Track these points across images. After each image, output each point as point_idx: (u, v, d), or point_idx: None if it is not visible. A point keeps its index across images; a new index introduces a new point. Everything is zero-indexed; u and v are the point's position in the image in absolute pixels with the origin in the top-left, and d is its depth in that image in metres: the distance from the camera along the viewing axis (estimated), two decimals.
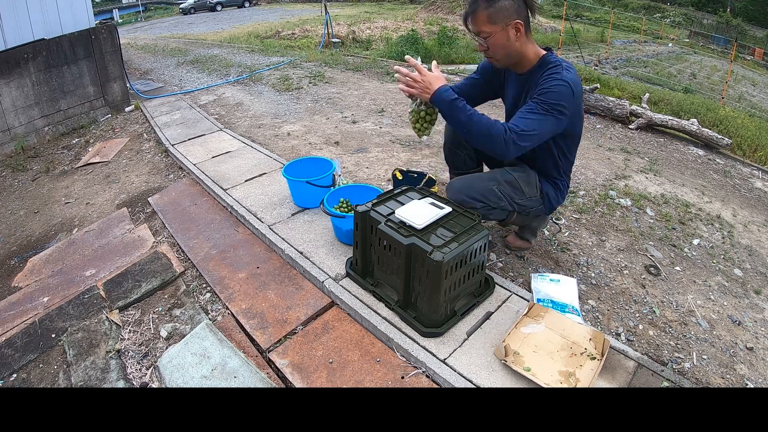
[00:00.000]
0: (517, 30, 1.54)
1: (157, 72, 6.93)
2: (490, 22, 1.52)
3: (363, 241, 1.73)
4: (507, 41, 1.55)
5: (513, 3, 1.51)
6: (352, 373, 1.52)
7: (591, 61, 11.67)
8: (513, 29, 1.54)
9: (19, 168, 3.94)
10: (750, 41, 21.40)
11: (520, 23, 1.53)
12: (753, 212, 2.86)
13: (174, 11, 23.49)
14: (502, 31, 1.53)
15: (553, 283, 1.86)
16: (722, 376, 1.56)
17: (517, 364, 1.43)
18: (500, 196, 1.72)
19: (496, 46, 1.57)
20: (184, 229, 2.49)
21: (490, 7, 1.51)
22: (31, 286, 2.30)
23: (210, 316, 1.88)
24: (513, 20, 1.52)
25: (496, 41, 1.55)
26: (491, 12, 1.51)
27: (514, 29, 1.54)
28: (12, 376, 1.72)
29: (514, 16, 1.52)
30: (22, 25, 4.35)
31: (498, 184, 1.73)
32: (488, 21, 1.52)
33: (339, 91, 5.02)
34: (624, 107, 4.24)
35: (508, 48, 1.58)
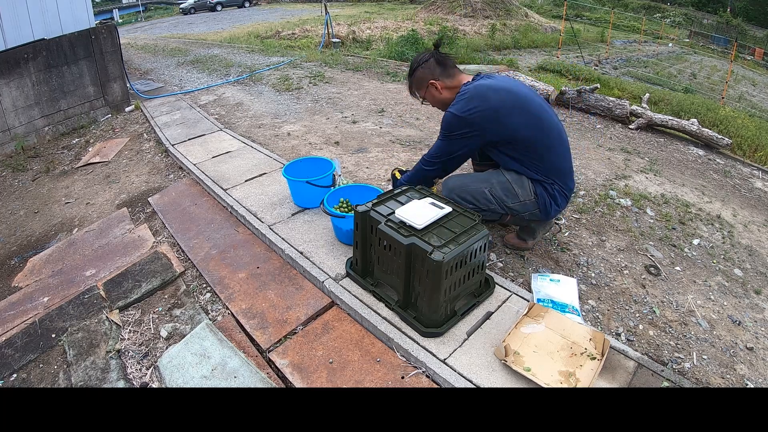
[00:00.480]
0: (435, 88, 1.89)
1: (157, 72, 6.93)
2: (417, 89, 1.96)
3: (363, 241, 1.73)
4: (434, 97, 1.93)
5: (423, 70, 1.90)
6: (352, 373, 1.52)
7: (591, 61, 11.67)
8: (432, 87, 1.90)
9: (19, 168, 3.95)
10: (750, 41, 21.40)
11: (434, 82, 1.88)
12: (753, 212, 2.86)
13: (174, 11, 23.50)
14: (428, 92, 1.93)
15: (553, 283, 1.86)
16: (722, 376, 1.56)
17: (517, 364, 1.43)
18: (490, 199, 1.86)
19: (432, 102, 1.96)
20: (184, 229, 2.49)
21: (410, 79, 1.97)
22: (31, 286, 2.30)
23: (210, 316, 1.88)
24: (428, 82, 1.89)
25: (430, 99, 1.96)
26: (411, 83, 1.97)
27: (433, 87, 1.90)
28: (12, 376, 1.72)
29: (429, 77, 1.89)
30: (22, 25, 4.35)
31: (490, 186, 1.86)
32: (415, 88, 1.96)
33: (339, 91, 5.02)
34: (624, 107, 4.24)
35: (438, 100, 1.94)
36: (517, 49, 12.48)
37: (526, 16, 16.60)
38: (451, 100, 1.86)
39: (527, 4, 20.18)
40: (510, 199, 1.83)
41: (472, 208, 1.81)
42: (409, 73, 1.97)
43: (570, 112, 4.51)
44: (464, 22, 14.46)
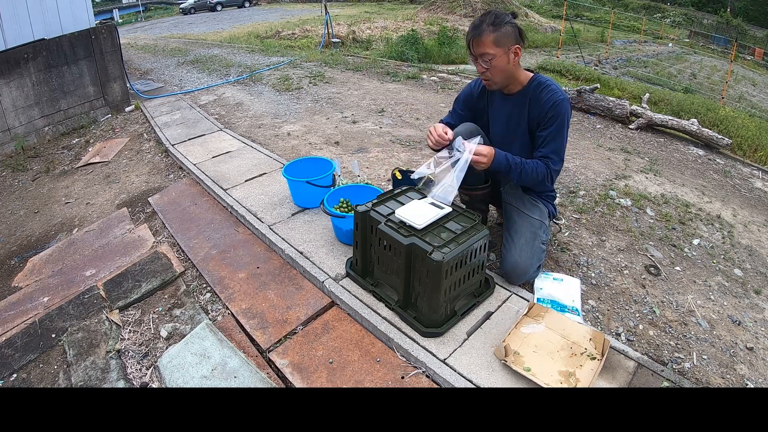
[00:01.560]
0: (515, 54, 1.67)
1: (157, 72, 6.93)
2: (496, 45, 1.63)
3: (363, 241, 1.73)
4: (507, 64, 1.67)
5: (513, 29, 1.64)
6: (352, 373, 1.52)
7: (591, 61, 11.67)
8: (513, 53, 1.66)
9: (19, 168, 3.95)
10: (750, 41, 21.39)
11: (519, 48, 1.66)
12: (753, 212, 2.86)
13: (174, 11, 23.48)
14: (504, 55, 1.65)
15: (556, 282, 1.86)
16: (722, 376, 1.56)
17: (517, 364, 1.43)
18: (543, 249, 1.85)
19: (497, 68, 1.68)
20: (184, 229, 2.49)
21: (496, 31, 1.61)
22: (31, 286, 2.30)
23: (210, 316, 1.88)
24: (513, 45, 1.65)
25: (498, 63, 1.66)
26: (497, 36, 1.62)
27: (513, 53, 1.66)
28: (12, 376, 1.72)
29: (514, 42, 1.65)
30: (22, 25, 4.35)
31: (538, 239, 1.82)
32: (493, 44, 1.63)
33: (339, 91, 5.02)
34: (624, 107, 4.24)
35: (506, 71, 1.69)
36: None
37: (526, 16, 16.59)
38: (514, 80, 1.73)
39: (527, 4, 20.18)
40: (545, 233, 1.87)
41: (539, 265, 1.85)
42: (492, 21, 1.61)
43: (570, 113, 4.50)
44: (464, 22, 14.45)
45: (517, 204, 1.88)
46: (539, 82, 1.73)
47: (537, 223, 1.82)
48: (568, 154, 3.32)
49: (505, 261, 1.82)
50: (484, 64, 1.66)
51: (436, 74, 5.96)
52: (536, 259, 1.80)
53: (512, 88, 1.78)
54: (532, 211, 1.85)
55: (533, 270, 1.81)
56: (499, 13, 1.65)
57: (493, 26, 1.61)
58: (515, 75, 1.73)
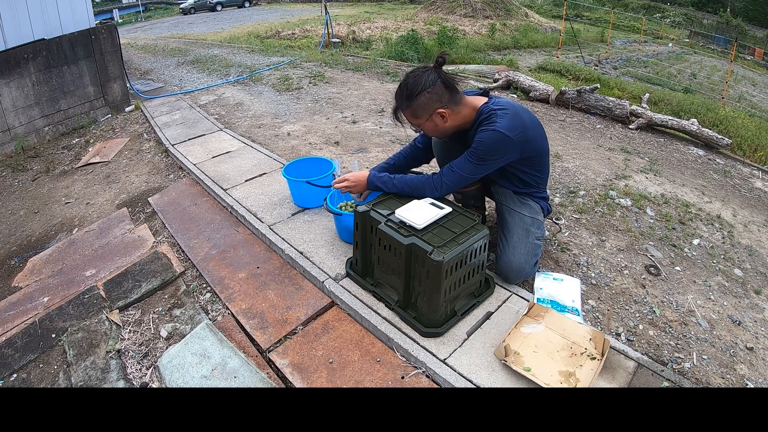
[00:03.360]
0: (441, 116, 1.63)
1: (157, 72, 6.93)
2: (414, 117, 1.65)
3: (363, 241, 1.73)
4: (436, 127, 1.67)
5: (430, 95, 1.59)
6: (352, 373, 1.52)
7: (591, 61, 11.67)
8: (438, 117, 1.63)
9: (19, 168, 3.95)
10: (750, 41, 21.38)
11: (443, 110, 1.61)
12: (753, 212, 2.86)
13: (174, 11, 23.48)
14: (428, 122, 1.65)
15: (556, 282, 1.86)
16: (722, 376, 1.56)
17: (517, 364, 1.43)
18: (538, 244, 1.85)
19: (429, 131, 1.71)
20: (184, 229, 2.49)
21: (410, 105, 1.62)
22: (31, 286, 2.30)
23: (210, 316, 1.88)
24: (436, 110, 1.62)
25: (427, 129, 1.69)
26: (412, 110, 1.63)
27: (439, 117, 1.63)
28: (12, 376, 1.72)
29: (435, 106, 1.61)
30: (22, 25, 4.35)
31: (532, 235, 1.81)
32: (412, 116, 1.65)
33: (339, 91, 5.02)
34: (624, 107, 4.24)
35: (439, 130, 1.69)
36: (517, 49, 12.49)
37: (526, 16, 16.60)
38: (456, 128, 1.70)
39: (527, 4, 20.19)
40: (539, 229, 1.86)
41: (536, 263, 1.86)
42: (406, 94, 1.60)
43: (570, 112, 4.51)
44: (464, 22, 14.46)
45: (508, 202, 1.88)
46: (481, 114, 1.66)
47: (529, 220, 1.82)
48: (568, 154, 3.32)
49: (500, 260, 1.82)
50: (415, 129, 1.73)
51: None
52: (531, 256, 1.80)
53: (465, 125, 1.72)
54: (522, 208, 1.85)
55: (529, 267, 1.81)
56: (413, 81, 1.60)
57: (407, 100, 1.62)
58: (455, 125, 1.68)
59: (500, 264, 1.82)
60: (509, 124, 1.59)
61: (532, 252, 1.80)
